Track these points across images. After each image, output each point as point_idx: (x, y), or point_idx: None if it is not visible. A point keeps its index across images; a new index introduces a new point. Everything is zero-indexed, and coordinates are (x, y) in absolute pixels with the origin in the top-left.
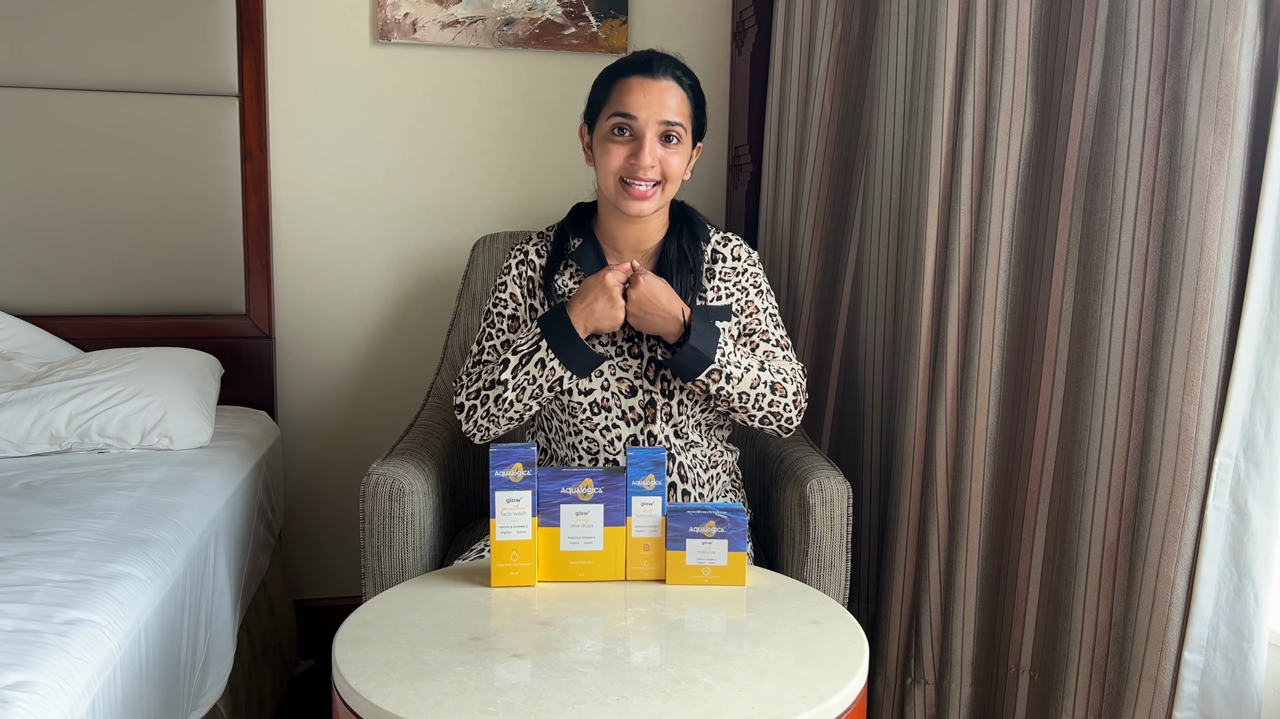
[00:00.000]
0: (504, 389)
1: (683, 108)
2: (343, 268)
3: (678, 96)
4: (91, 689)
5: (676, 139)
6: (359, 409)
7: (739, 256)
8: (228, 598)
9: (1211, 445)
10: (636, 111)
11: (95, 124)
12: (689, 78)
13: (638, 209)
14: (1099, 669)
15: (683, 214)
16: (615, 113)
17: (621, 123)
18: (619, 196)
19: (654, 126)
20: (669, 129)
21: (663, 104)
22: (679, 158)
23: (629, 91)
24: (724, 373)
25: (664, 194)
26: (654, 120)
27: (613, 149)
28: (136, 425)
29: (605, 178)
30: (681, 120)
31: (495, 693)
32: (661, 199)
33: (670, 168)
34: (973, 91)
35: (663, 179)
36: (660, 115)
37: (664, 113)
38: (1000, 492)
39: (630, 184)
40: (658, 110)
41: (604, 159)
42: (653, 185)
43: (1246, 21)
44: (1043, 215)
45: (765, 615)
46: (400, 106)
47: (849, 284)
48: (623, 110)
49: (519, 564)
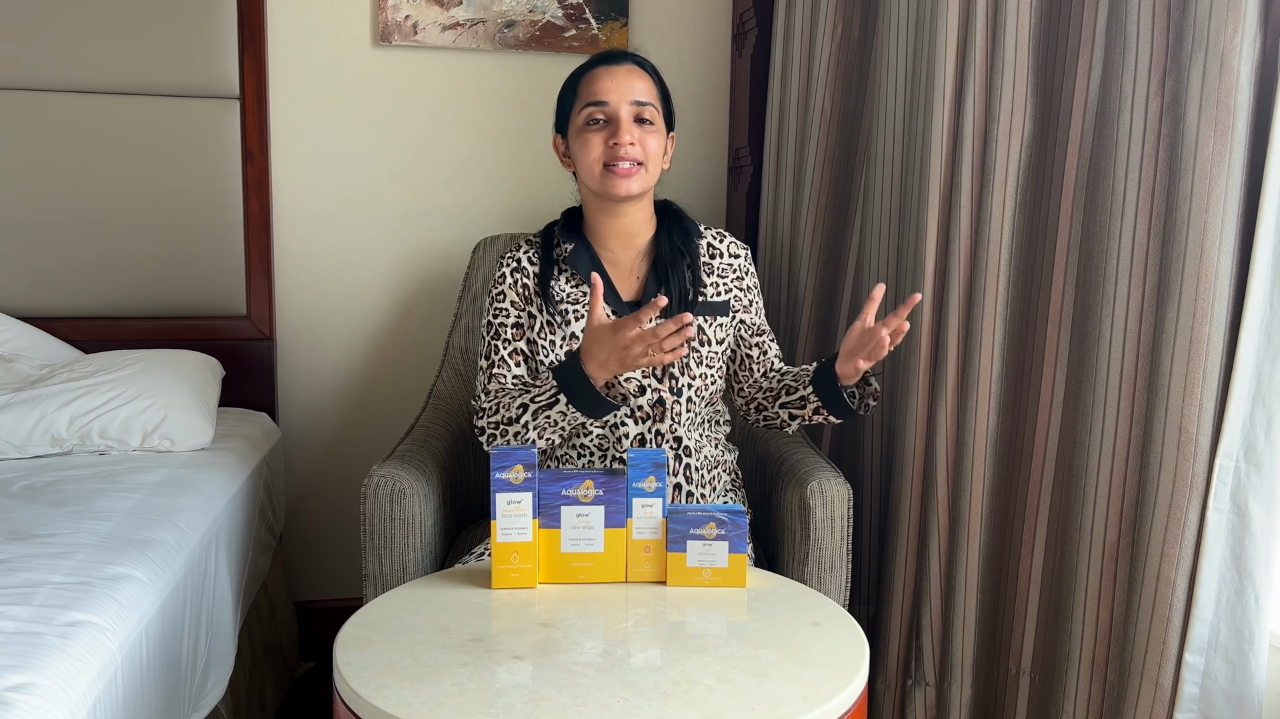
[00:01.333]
0: (525, 430)
1: (650, 90)
2: (343, 270)
3: (644, 80)
4: (93, 691)
5: (650, 121)
6: (360, 411)
7: (736, 254)
8: (229, 600)
9: (1212, 447)
10: (607, 96)
11: (96, 126)
12: (650, 67)
13: (625, 188)
14: (1100, 671)
15: (668, 211)
16: (587, 104)
17: (594, 112)
18: (604, 182)
19: (626, 108)
20: (640, 109)
21: (630, 86)
22: (655, 139)
23: (595, 80)
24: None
25: (647, 174)
26: (625, 101)
27: (590, 139)
28: (138, 427)
29: (588, 170)
30: (651, 101)
31: (496, 695)
32: (646, 180)
33: (649, 148)
34: (973, 93)
35: (645, 159)
36: (630, 96)
37: (633, 93)
38: (1001, 493)
39: (613, 165)
40: (627, 92)
41: (583, 152)
42: (636, 165)
43: (1246, 23)
44: (1043, 217)
45: (766, 617)
46: (401, 109)
47: (849, 285)
48: (593, 99)
49: (520, 566)
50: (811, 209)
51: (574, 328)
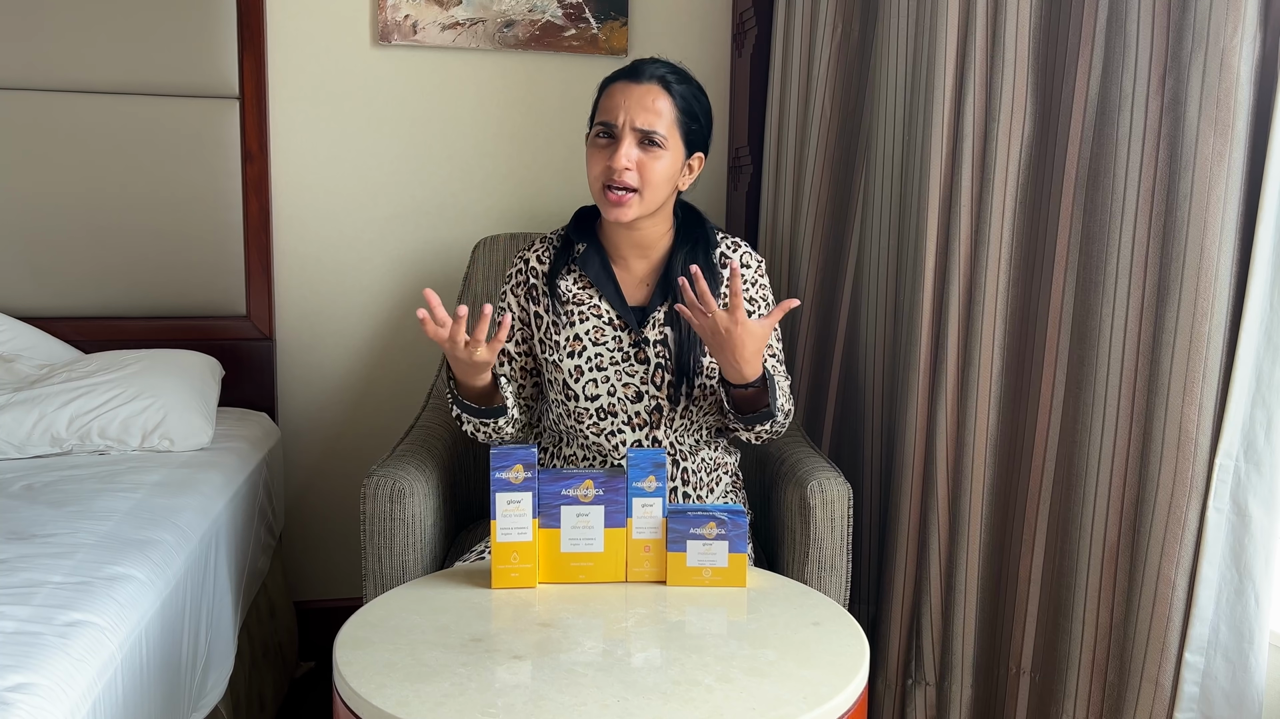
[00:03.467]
0: (474, 430)
1: (666, 113)
2: (343, 269)
3: (662, 100)
4: (93, 691)
5: (659, 144)
6: (359, 411)
7: (748, 265)
8: (228, 600)
9: (1212, 446)
10: (614, 118)
11: (96, 126)
12: (682, 84)
13: (615, 215)
14: (1100, 670)
15: (689, 220)
16: (598, 120)
17: (602, 129)
18: (602, 205)
19: (629, 132)
20: (645, 134)
21: (641, 107)
22: (661, 164)
23: (611, 97)
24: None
25: (643, 202)
26: (629, 125)
27: (594, 154)
28: (137, 427)
29: (590, 183)
30: (660, 126)
31: (496, 694)
32: (641, 207)
33: (649, 173)
34: (973, 93)
35: (641, 186)
36: (635, 119)
37: (639, 116)
38: (1001, 493)
39: (609, 190)
40: (634, 114)
41: (588, 165)
42: (629, 192)
43: (1246, 22)
44: (1043, 217)
45: (766, 617)
46: (401, 108)
47: (849, 285)
48: (603, 118)
49: (520, 566)
50: (811, 208)
51: (578, 329)
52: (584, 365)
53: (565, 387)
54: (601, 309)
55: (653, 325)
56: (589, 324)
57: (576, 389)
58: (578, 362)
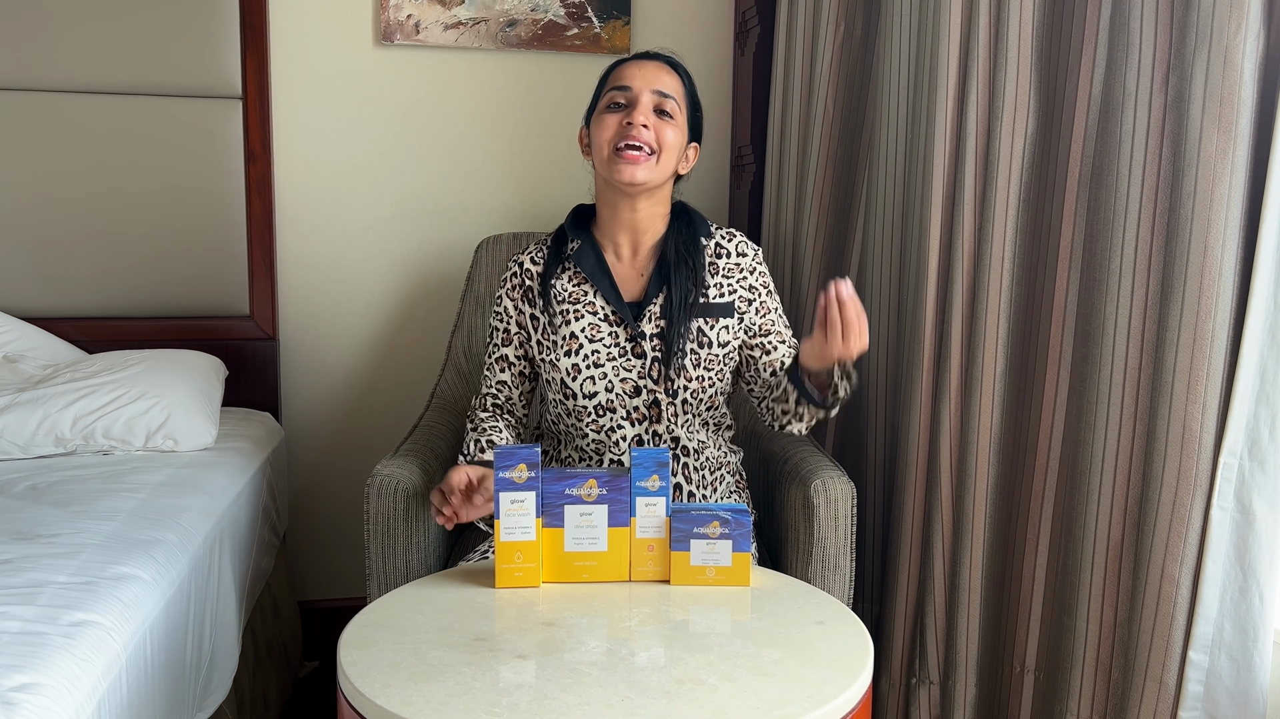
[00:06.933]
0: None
1: (677, 86)
2: (346, 269)
3: (672, 76)
4: (97, 691)
5: (671, 115)
6: (363, 410)
7: (744, 253)
8: (232, 599)
9: (1216, 444)
10: (631, 82)
11: (99, 126)
12: (683, 70)
13: (630, 174)
14: (1104, 669)
15: (683, 213)
16: (611, 88)
17: (616, 96)
18: (612, 166)
19: (648, 95)
20: (663, 100)
21: (657, 77)
22: (674, 132)
23: (624, 68)
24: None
25: (659, 166)
26: (647, 88)
27: (608, 119)
28: (141, 427)
29: (600, 151)
30: (675, 95)
31: (500, 694)
32: (654, 170)
33: (665, 138)
34: (976, 91)
35: (658, 149)
36: (654, 85)
37: (658, 84)
38: (1005, 491)
39: (623, 149)
40: (652, 81)
41: (598, 133)
42: (648, 153)
43: (1250, 20)
44: (1046, 214)
45: (770, 616)
46: (403, 108)
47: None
48: (617, 84)
49: (523, 565)
50: (814, 207)
51: (574, 326)
52: (581, 363)
53: (563, 385)
54: (597, 305)
55: (649, 319)
56: (585, 321)
57: (574, 388)
58: (575, 359)
